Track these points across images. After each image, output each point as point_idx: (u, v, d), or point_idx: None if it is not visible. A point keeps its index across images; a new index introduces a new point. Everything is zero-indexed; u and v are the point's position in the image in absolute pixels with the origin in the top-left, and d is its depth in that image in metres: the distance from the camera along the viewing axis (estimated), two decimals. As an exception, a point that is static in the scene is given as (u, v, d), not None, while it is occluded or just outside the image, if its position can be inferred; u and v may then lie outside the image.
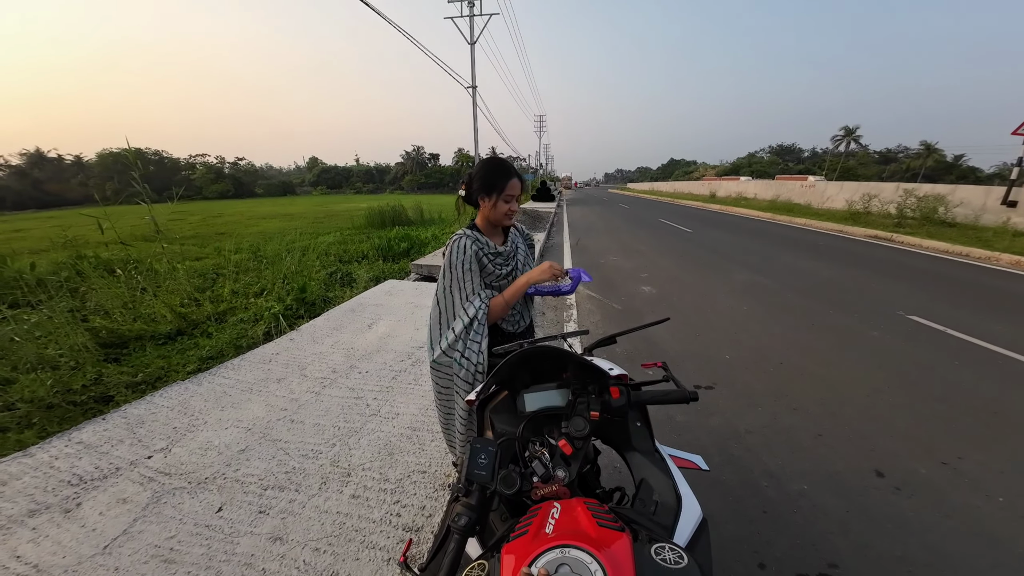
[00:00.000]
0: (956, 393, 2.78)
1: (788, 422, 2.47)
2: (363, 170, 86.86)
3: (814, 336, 3.80)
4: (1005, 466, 2.08)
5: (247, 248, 8.04)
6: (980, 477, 2.01)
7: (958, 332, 3.82)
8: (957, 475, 2.03)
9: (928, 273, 6.38)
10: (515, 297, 1.37)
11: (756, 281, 5.79)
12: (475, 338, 1.33)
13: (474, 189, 1.39)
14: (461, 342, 1.33)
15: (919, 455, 2.17)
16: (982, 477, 2.01)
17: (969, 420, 2.48)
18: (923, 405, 2.64)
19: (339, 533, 1.62)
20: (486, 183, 1.35)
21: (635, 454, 0.91)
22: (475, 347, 1.33)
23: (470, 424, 1.38)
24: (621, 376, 0.98)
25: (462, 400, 1.34)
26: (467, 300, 1.35)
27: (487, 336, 1.35)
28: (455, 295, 1.36)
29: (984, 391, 2.80)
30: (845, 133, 66.44)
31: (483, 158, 1.54)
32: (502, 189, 1.34)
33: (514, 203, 1.39)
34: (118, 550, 1.54)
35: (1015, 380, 2.96)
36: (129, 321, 3.68)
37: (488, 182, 1.35)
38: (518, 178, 1.38)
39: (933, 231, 9.73)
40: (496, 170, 1.37)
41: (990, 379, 2.97)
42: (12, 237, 11.67)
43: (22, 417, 2.38)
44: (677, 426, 2.43)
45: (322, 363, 3.08)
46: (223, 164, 69.47)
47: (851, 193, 14.41)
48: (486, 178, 1.36)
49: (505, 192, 1.35)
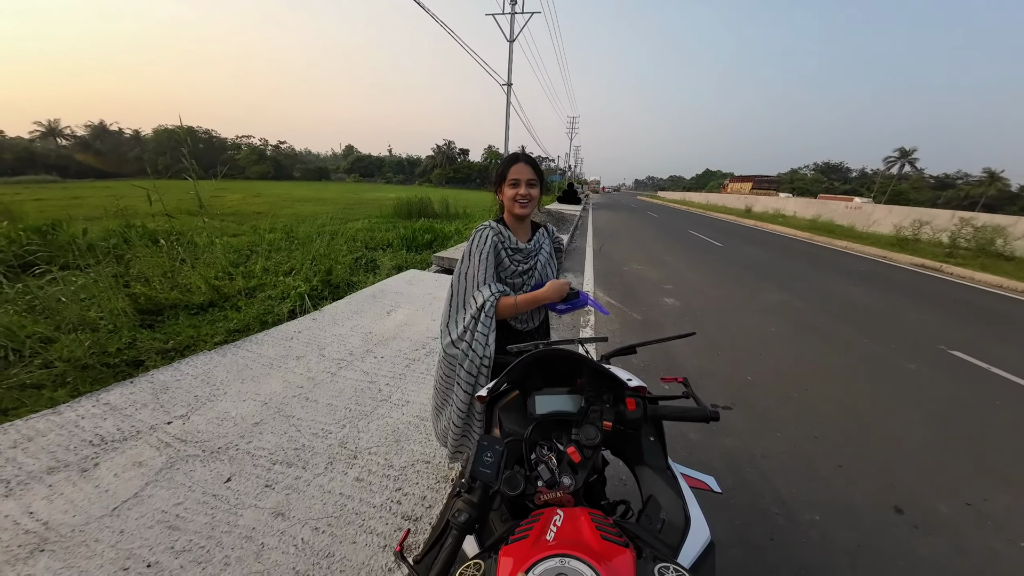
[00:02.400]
0: (992, 433, 2.63)
1: (807, 450, 2.36)
2: (395, 161, 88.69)
3: (845, 364, 3.61)
4: None
5: (281, 228, 8.35)
6: (1004, 520, 1.91)
7: (1003, 371, 3.58)
8: (980, 517, 1.93)
9: (976, 307, 5.95)
10: (526, 307, 1.35)
11: (787, 301, 5.54)
12: (482, 330, 1.30)
13: (491, 184, 1.43)
14: (469, 332, 1.31)
15: (943, 494, 2.06)
16: (1007, 521, 1.91)
17: (1002, 462, 2.34)
18: (954, 443, 2.50)
19: (339, 515, 1.64)
20: (497, 175, 1.39)
21: (645, 469, 0.88)
22: (482, 339, 1.29)
23: (467, 418, 1.37)
24: (639, 388, 0.94)
25: (461, 392, 1.31)
26: (477, 289, 1.34)
27: (495, 330, 1.32)
28: (468, 282, 1.36)
29: (1021, 432, 2.63)
30: (900, 155, 62.69)
31: None
32: (506, 175, 1.35)
33: (523, 187, 1.34)
34: (126, 513, 1.60)
35: None
36: (167, 290, 3.88)
37: (498, 173, 1.39)
38: (526, 163, 1.35)
39: (988, 264, 9.04)
40: (504, 160, 1.39)
41: None
42: (70, 204, 12.52)
43: (58, 375, 2.52)
44: (690, 444, 2.35)
45: (341, 345, 3.16)
46: (266, 146, 72.50)
47: (900, 218, 13.57)
48: (497, 170, 1.40)
49: (509, 177, 1.35)
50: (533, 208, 1.40)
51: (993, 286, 7.59)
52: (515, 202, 1.35)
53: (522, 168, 1.34)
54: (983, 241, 10.22)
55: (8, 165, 44.30)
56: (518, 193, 1.34)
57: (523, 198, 1.35)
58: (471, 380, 1.30)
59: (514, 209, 1.37)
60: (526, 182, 1.34)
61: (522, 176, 1.33)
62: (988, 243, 10.13)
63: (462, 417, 1.37)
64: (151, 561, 1.42)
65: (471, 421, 1.39)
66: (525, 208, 1.37)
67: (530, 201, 1.36)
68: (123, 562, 1.40)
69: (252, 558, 1.44)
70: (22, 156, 46.89)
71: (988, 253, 9.97)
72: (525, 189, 1.34)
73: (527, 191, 1.34)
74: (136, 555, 1.43)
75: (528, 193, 1.35)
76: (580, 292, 1.35)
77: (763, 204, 25.41)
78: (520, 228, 1.47)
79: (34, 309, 3.20)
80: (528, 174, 1.34)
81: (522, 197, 1.35)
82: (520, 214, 1.39)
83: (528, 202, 1.36)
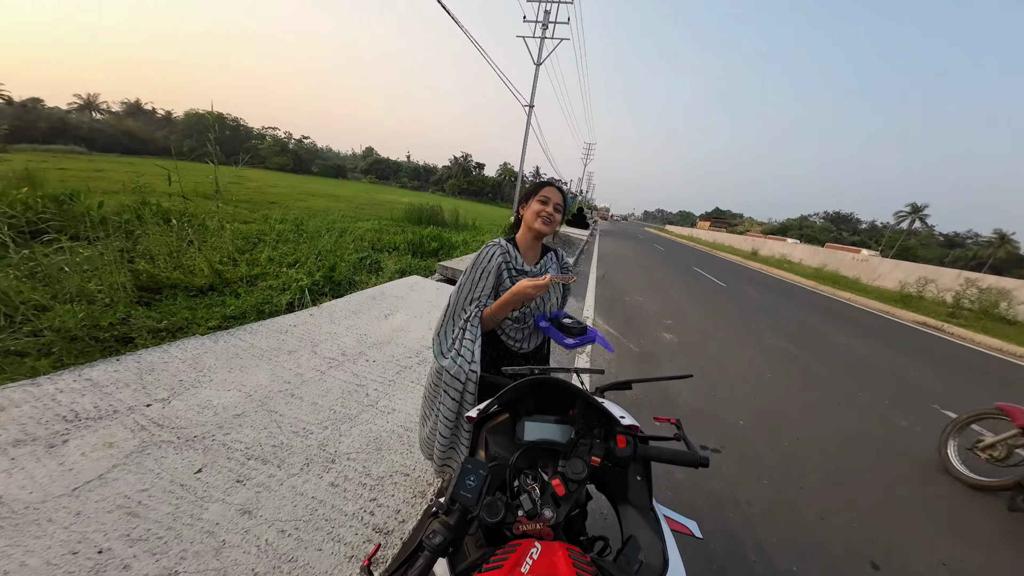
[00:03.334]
0: (975, 495, 2.64)
1: (792, 499, 2.34)
2: (411, 167, 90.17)
3: (838, 415, 3.57)
4: (1004, 572, 2.00)
5: (291, 220, 8.43)
6: None
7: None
8: None
9: (974, 369, 5.98)
10: (501, 310, 1.36)
11: (786, 348, 5.49)
12: (469, 338, 1.35)
13: (519, 201, 1.48)
14: (458, 342, 1.36)
15: (920, 552, 2.07)
16: None
17: (983, 525, 2.35)
18: (938, 503, 2.52)
19: (309, 519, 1.60)
20: (528, 192, 1.44)
21: (629, 508, 0.86)
22: (469, 348, 1.34)
23: (455, 430, 1.37)
24: (632, 427, 0.93)
25: (449, 400, 1.33)
26: (470, 302, 1.40)
27: (480, 341, 1.36)
28: (464, 294, 1.41)
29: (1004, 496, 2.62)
30: (911, 210, 63.16)
31: None
32: (538, 192, 1.41)
33: (549, 207, 1.39)
34: (87, 494, 1.55)
35: None
36: (169, 269, 3.90)
37: (529, 191, 1.44)
38: (558, 190, 1.42)
39: (990, 326, 9.01)
40: (539, 182, 1.45)
41: None
42: (92, 175, 12.71)
43: (44, 345, 2.48)
44: (676, 483, 2.30)
45: (334, 344, 3.14)
46: (289, 139, 73.98)
47: (906, 273, 13.59)
48: (529, 188, 1.44)
49: (540, 194, 1.40)
50: (552, 230, 1.44)
51: (993, 349, 7.59)
52: (539, 216, 1.39)
53: (554, 192, 1.41)
54: (987, 303, 10.21)
55: (41, 133, 45.39)
56: (544, 209, 1.39)
57: (548, 216, 1.40)
58: (458, 388, 1.31)
59: (535, 223, 1.40)
60: (554, 204, 1.40)
61: (552, 198, 1.40)
62: (992, 306, 10.11)
63: (449, 428, 1.36)
64: (103, 547, 1.37)
65: (459, 434, 1.39)
66: (546, 225, 1.40)
67: (552, 221, 1.41)
68: (74, 545, 1.35)
69: (211, 554, 1.40)
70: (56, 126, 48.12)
71: (991, 316, 9.95)
72: (551, 210, 1.40)
73: (552, 212, 1.40)
74: (89, 539, 1.38)
75: (552, 214, 1.40)
76: (588, 327, 1.34)
77: (770, 248, 25.52)
78: (531, 250, 1.49)
79: (35, 276, 3.20)
80: (558, 199, 1.41)
81: (547, 214, 1.39)
82: (539, 229, 1.41)
83: (550, 221, 1.40)
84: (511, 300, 1.33)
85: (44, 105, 55.03)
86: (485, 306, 1.40)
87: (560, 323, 1.38)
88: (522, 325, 1.46)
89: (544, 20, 14.98)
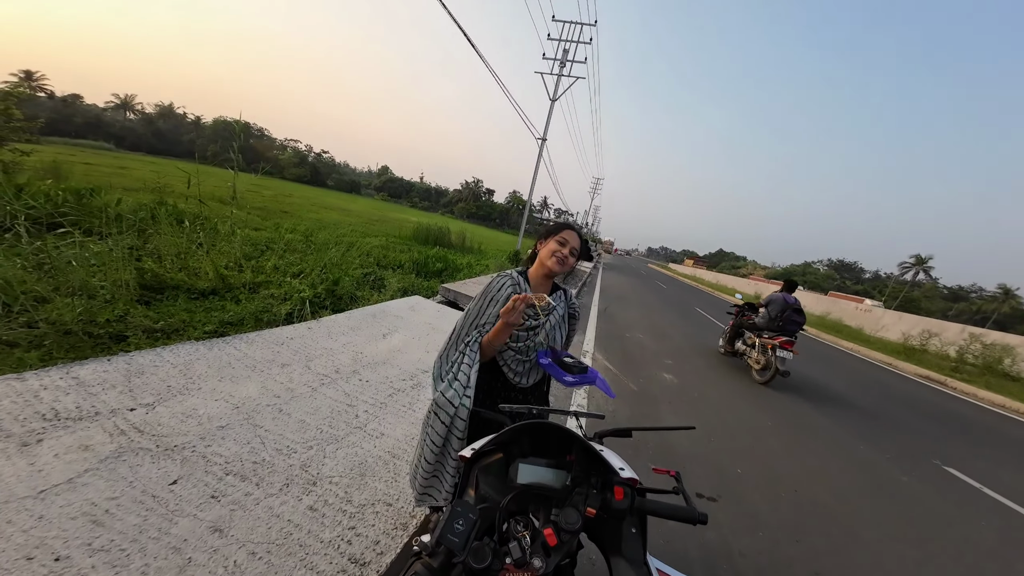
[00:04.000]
0: (974, 553, 2.59)
1: (787, 553, 2.25)
2: (423, 188, 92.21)
3: (837, 468, 3.47)
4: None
5: (302, 231, 8.55)
6: None
7: (994, 492, 3.54)
8: None
9: (977, 425, 5.89)
10: (496, 338, 1.37)
11: (787, 396, 5.38)
12: (465, 368, 1.38)
13: (539, 236, 1.52)
14: (456, 366, 1.40)
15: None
16: None
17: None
18: (934, 560, 2.44)
19: (282, 543, 1.53)
20: (549, 230, 1.48)
21: (621, 561, 0.82)
22: (467, 371, 1.37)
23: (441, 457, 1.36)
24: (630, 480, 0.90)
25: (439, 424, 1.32)
26: (474, 328, 1.45)
27: (477, 367, 1.39)
28: (469, 319, 1.46)
29: (1005, 556, 2.60)
30: (916, 261, 63.33)
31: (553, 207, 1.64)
32: (558, 233, 1.44)
33: (566, 249, 1.42)
34: (53, 498, 1.49)
35: None
36: (175, 270, 3.92)
37: (550, 229, 1.47)
38: (578, 235, 1.46)
39: (993, 382, 8.86)
40: (559, 224, 1.49)
41: (1013, 545, 2.75)
42: (115, 172, 13.04)
43: (36, 337, 2.44)
44: (667, 531, 2.20)
45: (329, 360, 3.10)
46: (309, 152, 76.23)
47: (910, 326, 13.46)
48: (551, 227, 1.48)
49: (559, 235, 1.43)
50: (565, 271, 1.47)
51: (996, 405, 7.49)
52: (553, 256, 1.42)
53: (573, 236, 1.45)
54: (991, 359, 10.07)
55: (75, 127, 47.12)
56: (561, 251, 1.42)
57: (562, 257, 1.42)
58: (449, 413, 1.32)
59: (549, 262, 1.43)
60: (571, 249, 1.43)
61: (570, 241, 1.43)
62: (996, 361, 9.97)
63: (435, 454, 1.34)
64: (61, 555, 1.30)
65: (444, 463, 1.36)
66: (560, 266, 1.43)
67: (566, 263, 1.44)
68: (30, 550, 1.29)
69: (174, 572, 1.33)
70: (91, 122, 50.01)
71: (994, 372, 9.78)
72: (567, 252, 1.43)
73: (567, 255, 1.43)
74: (47, 545, 1.32)
75: (567, 257, 1.43)
76: (588, 368, 1.32)
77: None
78: (541, 286, 1.51)
79: (42, 267, 3.23)
80: (576, 243, 1.44)
81: (561, 256, 1.42)
82: (551, 268, 1.44)
83: (564, 263, 1.43)
84: (501, 328, 1.35)
85: (83, 101, 57.32)
86: (486, 331, 1.42)
87: (561, 361, 1.36)
88: (524, 358, 1.45)
89: (563, 59, 15.69)
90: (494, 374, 1.48)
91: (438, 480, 1.38)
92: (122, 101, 64.83)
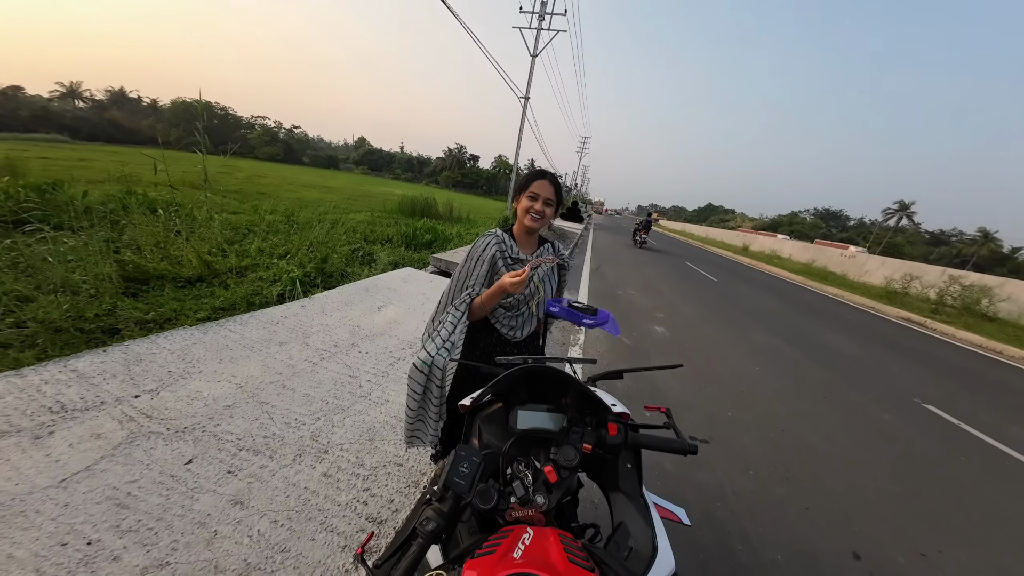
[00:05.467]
0: (954, 488, 2.73)
1: (777, 491, 2.39)
2: (405, 158, 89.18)
3: (823, 410, 3.64)
4: (981, 566, 2.04)
5: (282, 211, 8.30)
6: (953, 573, 1.97)
7: (972, 428, 3.72)
8: (932, 569, 1.99)
9: (955, 364, 6.14)
10: (488, 300, 1.38)
11: (774, 344, 5.58)
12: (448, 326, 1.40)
13: (513, 191, 1.49)
14: (441, 326, 1.41)
15: (900, 544, 2.12)
16: (955, 574, 1.97)
17: (960, 517, 2.42)
18: (917, 496, 2.59)
19: (302, 509, 1.60)
20: (519, 185, 1.43)
21: (619, 495, 0.87)
22: (449, 328, 1.40)
23: (420, 405, 1.41)
24: (622, 414, 0.94)
25: (416, 373, 1.37)
26: (463, 289, 1.44)
27: (462, 327, 1.41)
28: (460, 281, 1.46)
29: (983, 490, 2.75)
30: (899, 207, 64.08)
31: None
32: (527, 187, 1.39)
33: (539, 203, 1.38)
34: (75, 486, 1.53)
35: (1019, 485, 2.89)
36: (156, 260, 3.82)
37: (520, 184, 1.43)
38: (549, 182, 1.40)
39: (971, 323, 9.25)
40: (531, 173, 1.43)
41: (993, 479, 2.90)
42: (76, 165, 12.34)
43: (28, 336, 2.42)
44: (664, 474, 2.34)
45: (326, 335, 3.12)
46: (279, 129, 72.56)
47: (892, 270, 13.82)
48: (521, 181, 1.43)
49: (529, 189, 1.39)
50: (543, 224, 1.45)
51: (974, 345, 7.79)
52: (527, 214, 1.40)
53: (544, 185, 1.39)
54: (969, 300, 10.42)
55: (23, 122, 44.06)
56: (533, 207, 1.39)
57: (537, 213, 1.40)
58: (426, 362, 1.35)
59: (525, 220, 1.42)
60: (544, 200, 1.39)
61: (542, 193, 1.38)
62: (974, 302, 10.33)
63: (416, 400, 1.40)
64: (93, 538, 1.36)
65: (426, 407, 1.42)
66: (535, 223, 1.41)
67: (542, 217, 1.41)
68: (62, 536, 1.34)
69: (202, 545, 1.40)
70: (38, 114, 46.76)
71: (972, 312, 10.17)
72: (541, 205, 1.39)
73: (542, 208, 1.39)
74: (77, 530, 1.37)
75: (542, 210, 1.40)
76: (599, 310, 1.33)
77: (760, 243, 25.77)
78: (527, 241, 1.50)
79: (17, 266, 3.13)
80: (548, 193, 1.39)
81: (536, 212, 1.39)
82: (530, 227, 1.43)
83: (540, 218, 1.41)
84: (496, 292, 1.36)
85: (25, 93, 53.36)
86: (478, 294, 1.42)
87: (573, 306, 1.37)
88: (515, 313, 1.48)
89: (541, 11, 14.80)
90: (488, 331, 1.51)
91: (423, 423, 1.45)
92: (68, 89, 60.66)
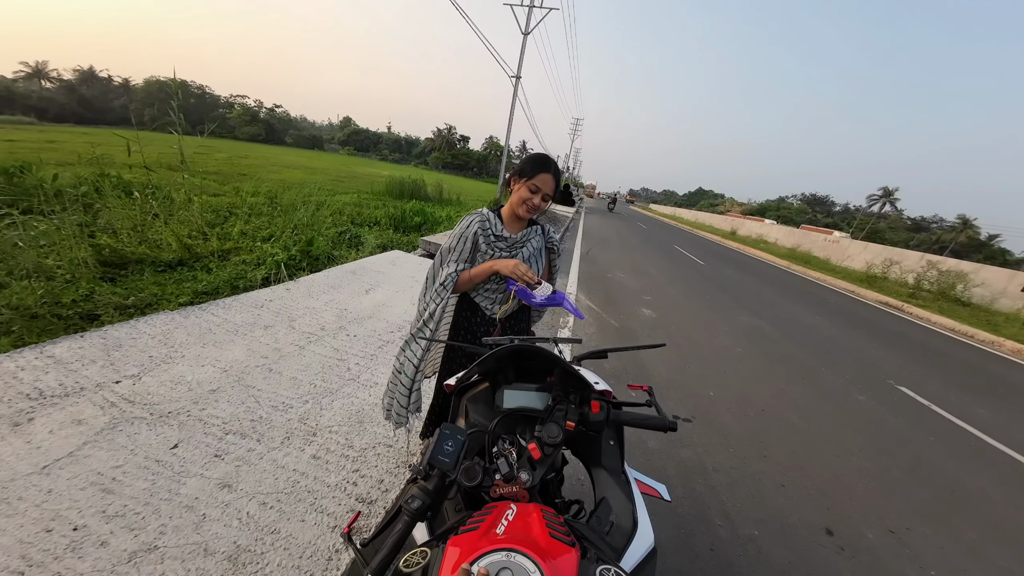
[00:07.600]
0: (923, 467, 2.84)
1: (755, 468, 2.48)
2: (393, 138, 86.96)
3: (801, 390, 3.78)
4: (946, 543, 2.14)
5: (265, 193, 8.06)
6: (921, 549, 2.07)
7: (941, 409, 3.87)
8: (900, 545, 2.08)
9: (928, 348, 6.38)
10: (479, 276, 1.42)
11: (757, 326, 5.72)
12: (440, 293, 1.44)
13: (513, 171, 1.44)
14: (427, 293, 1.47)
15: (870, 520, 2.22)
16: (923, 550, 2.07)
17: (927, 495, 2.53)
18: (888, 474, 2.69)
19: (291, 491, 1.62)
20: (523, 166, 1.39)
21: (601, 471, 0.90)
22: (437, 299, 1.45)
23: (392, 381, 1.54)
24: (605, 392, 0.96)
25: (399, 351, 1.50)
26: (445, 265, 1.47)
27: (446, 302, 1.46)
28: (443, 257, 1.49)
29: (949, 469, 2.86)
30: (883, 194, 65.13)
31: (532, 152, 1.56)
32: (531, 176, 1.36)
33: (538, 198, 1.36)
34: (57, 472, 1.51)
35: (982, 463, 3.03)
36: (134, 244, 3.70)
37: (524, 166, 1.39)
38: (554, 176, 1.37)
39: (945, 307, 9.58)
40: (537, 160, 1.38)
41: (959, 459, 3.03)
42: (44, 147, 11.72)
43: (2, 323, 2.34)
44: (648, 451, 2.41)
45: (313, 318, 3.09)
46: (260, 108, 69.82)
47: (874, 255, 14.17)
48: (525, 163, 1.40)
49: (532, 180, 1.35)
50: (532, 216, 1.46)
51: (947, 329, 8.07)
52: (524, 204, 1.38)
53: (547, 180, 1.36)
54: (945, 285, 10.76)
55: (-15, 103, 41.59)
56: (532, 200, 1.37)
57: (534, 207, 1.38)
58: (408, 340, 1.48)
59: (519, 210, 1.40)
60: (543, 195, 1.37)
61: (543, 188, 1.36)
62: (949, 287, 10.68)
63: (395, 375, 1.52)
64: (78, 524, 1.35)
65: (397, 381, 1.52)
66: (529, 214, 1.42)
67: (537, 211, 1.41)
68: (47, 523, 1.34)
69: (191, 528, 1.40)
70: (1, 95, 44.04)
71: (947, 297, 10.52)
72: (539, 201, 1.37)
73: (540, 203, 1.38)
74: (63, 516, 1.37)
75: (540, 205, 1.39)
76: (557, 291, 1.34)
77: (748, 228, 26.07)
78: (515, 222, 1.50)
79: (-15, 251, 3.00)
80: (549, 188, 1.37)
81: (533, 206, 1.38)
82: (523, 216, 1.44)
83: (535, 211, 1.41)
84: (486, 271, 1.38)
85: (-15, 73, 50.21)
86: (463, 270, 1.45)
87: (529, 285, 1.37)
88: (497, 287, 1.50)
89: (531, -14, 14.29)
90: (471, 309, 1.53)
91: (392, 398, 1.55)
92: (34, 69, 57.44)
